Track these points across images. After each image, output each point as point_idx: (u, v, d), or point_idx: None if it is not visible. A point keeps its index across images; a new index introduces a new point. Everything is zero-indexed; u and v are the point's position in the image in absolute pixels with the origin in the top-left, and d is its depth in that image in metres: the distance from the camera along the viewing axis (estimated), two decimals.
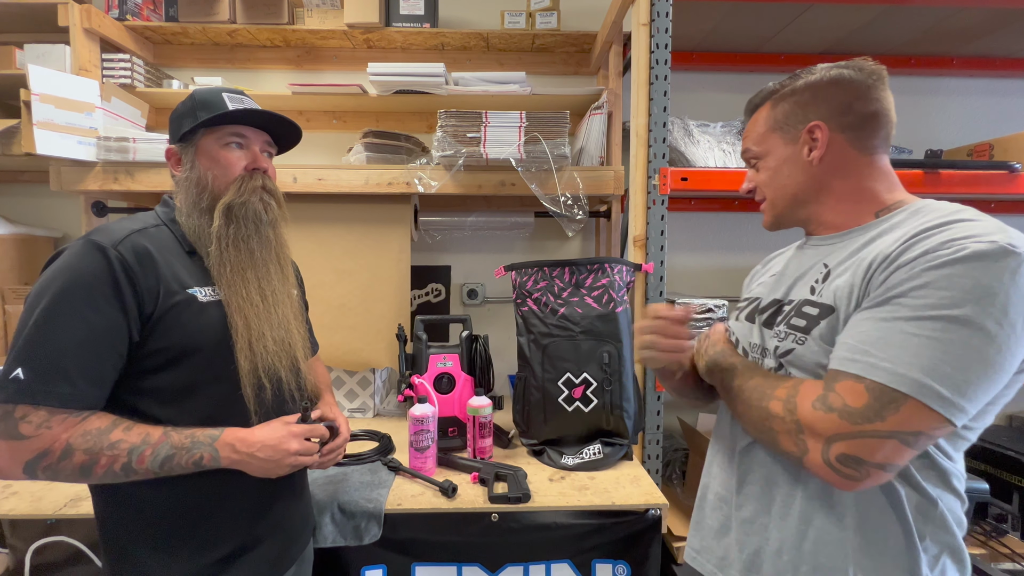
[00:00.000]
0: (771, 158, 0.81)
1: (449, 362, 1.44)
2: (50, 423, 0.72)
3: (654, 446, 1.45)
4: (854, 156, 0.76)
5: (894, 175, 0.77)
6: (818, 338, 0.70)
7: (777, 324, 0.78)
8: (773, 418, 0.69)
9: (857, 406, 0.61)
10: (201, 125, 0.87)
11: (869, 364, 0.61)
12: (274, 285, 0.91)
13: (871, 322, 0.63)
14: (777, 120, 0.80)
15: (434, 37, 1.85)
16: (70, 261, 0.76)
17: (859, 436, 0.61)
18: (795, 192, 0.80)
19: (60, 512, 1.07)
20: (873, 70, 0.75)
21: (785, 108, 0.79)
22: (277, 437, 0.84)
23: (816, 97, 0.77)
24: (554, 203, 1.56)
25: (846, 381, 0.63)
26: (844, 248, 0.75)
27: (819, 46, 1.88)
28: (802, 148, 0.78)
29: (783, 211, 0.83)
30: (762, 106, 0.84)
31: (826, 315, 0.70)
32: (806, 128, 0.77)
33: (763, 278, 0.93)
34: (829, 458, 0.63)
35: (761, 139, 0.83)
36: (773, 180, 0.82)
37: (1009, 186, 1.47)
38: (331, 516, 1.11)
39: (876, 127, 0.75)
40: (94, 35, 1.68)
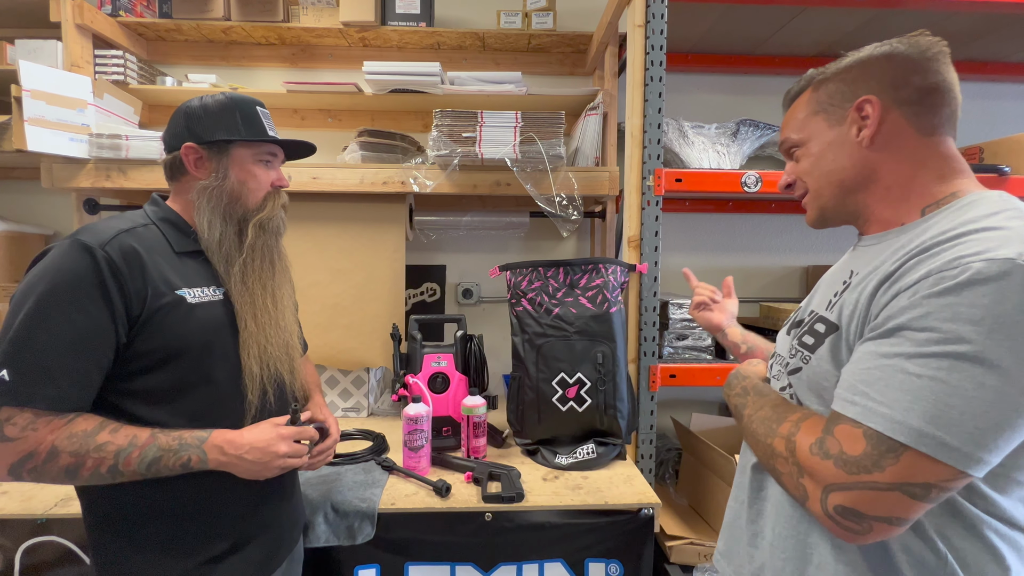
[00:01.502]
0: (814, 143, 0.71)
1: (443, 362, 1.44)
2: (35, 425, 0.71)
3: (647, 446, 1.46)
4: (912, 136, 0.65)
5: (959, 160, 0.65)
6: (821, 358, 0.65)
7: (794, 337, 0.73)
8: (776, 456, 0.64)
9: (854, 454, 0.55)
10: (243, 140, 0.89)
11: (867, 408, 0.55)
12: (283, 291, 0.95)
13: (872, 357, 0.57)
14: (820, 102, 0.71)
15: (430, 36, 1.85)
16: (56, 261, 0.75)
17: (857, 487, 0.54)
18: (842, 179, 0.69)
19: (50, 512, 1.06)
20: (931, 43, 0.65)
21: (830, 88, 0.70)
22: (266, 439, 0.84)
23: (866, 72, 0.67)
24: (549, 203, 1.56)
25: (844, 425, 0.57)
26: (875, 253, 0.65)
27: (813, 49, 1.90)
28: (850, 128, 0.67)
29: (829, 202, 0.71)
30: (804, 92, 0.75)
31: (830, 333, 0.64)
32: (854, 104, 0.67)
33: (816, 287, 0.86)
34: (827, 508, 0.57)
35: (802, 125, 0.73)
36: (816, 167, 0.71)
37: (999, 189, 1.48)
38: (324, 515, 1.10)
39: (938, 103, 0.64)
40: (86, 31, 1.66)
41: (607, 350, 1.37)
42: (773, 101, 2.01)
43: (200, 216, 0.88)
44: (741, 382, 0.81)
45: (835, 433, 0.57)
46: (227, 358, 0.86)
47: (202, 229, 0.88)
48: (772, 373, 0.80)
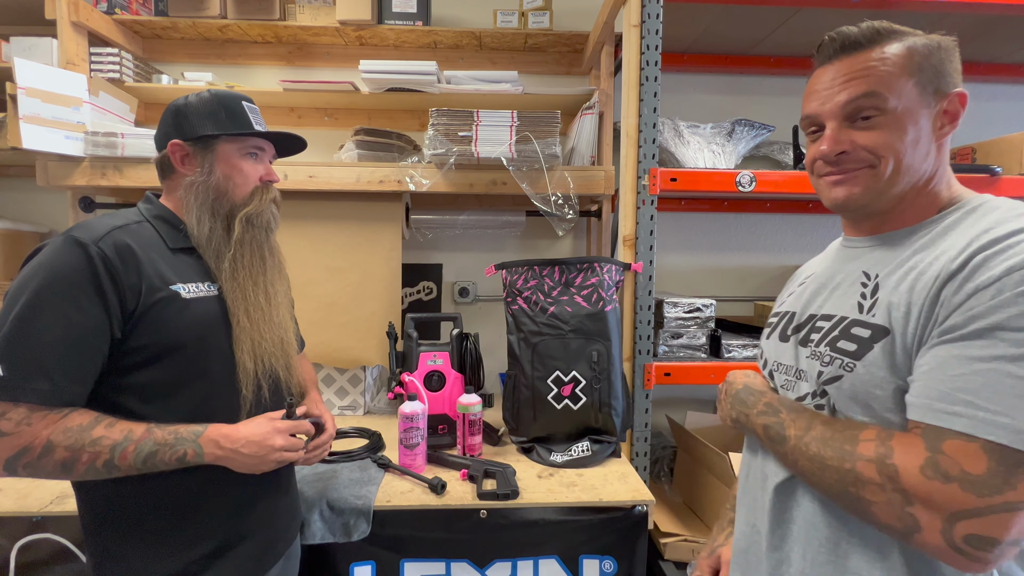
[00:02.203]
0: (907, 116, 0.61)
1: (439, 360, 1.45)
2: (30, 420, 0.72)
3: (642, 443, 1.46)
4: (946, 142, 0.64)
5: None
6: (872, 365, 0.59)
7: (816, 344, 0.67)
8: (864, 484, 0.55)
9: (979, 473, 0.49)
10: (226, 134, 0.88)
11: (981, 420, 0.50)
12: (276, 287, 0.94)
13: (963, 361, 0.52)
14: (920, 67, 0.61)
15: (427, 35, 1.85)
16: (51, 257, 0.75)
17: (990, 512, 0.48)
18: (913, 166, 0.62)
19: (46, 509, 1.06)
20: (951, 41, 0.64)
21: (930, 58, 0.61)
22: (262, 433, 0.84)
23: (951, 61, 0.62)
24: (545, 202, 1.56)
25: (954, 441, 0.51)
26: (888, 253, 0.64)
27: (809, 49, 1.88)
28: (935, 116, 0.62)
29: (894, 191, 0.63)
30: (879, 44, 0.63)
31: (879, 338, 0.59)
32: (950, 94, 0.61)
33: (794, 287, 0.82)
34: (954, 540, 0.50)
35: (890, 81, 0.61)
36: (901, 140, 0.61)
37: (991, 189, 1.50)
38: (320, 513, 1.11)
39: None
40: (82, 28, 1.66)
41: (602, 348, 1.38)
42: (768, 101, 2.02)
43: (189, 212, 0.88)
44: (760, 398, 0.72)
45: (946, 451, 0.51)
46: (221, 353, 0.86)
47: (191, 225, 0.88)
48: (776, 381, 0.75)
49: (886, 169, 0.63)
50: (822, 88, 0.67)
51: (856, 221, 0.71)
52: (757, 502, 0.73)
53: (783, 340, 0.74)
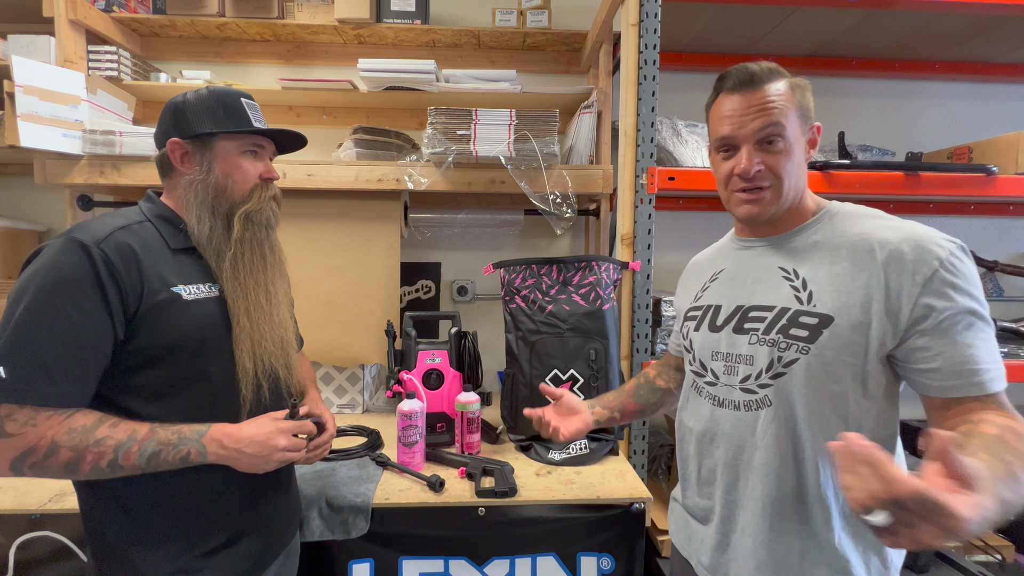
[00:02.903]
0: (795, 142, 0.78)
1: (438, 358, 1.45)
2: (35, 421, 0.72)
3: (640, 441, 1.47)
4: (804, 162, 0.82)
5: None
6: (824, 347, 0.73)
7: (763, 332, 0.79)
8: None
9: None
10: (225, 132, 0.87)
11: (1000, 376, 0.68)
12: (277, 286, 0.94)
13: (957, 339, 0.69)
14: (800, 104, 0.78)
15: (425, 34, 1.85)
16: (52, 259, 0.75)
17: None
18: (798, 183, 0.80)
19: (45, 507, 1.07)
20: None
21: (803, 97, 0.79)
22: (265, 433, 0.84)
23: (810, 100, 0.81)
24: (543, 201, 1.57)
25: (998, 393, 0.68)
26: (794, 249, 0.81)
27: (806, 48, 1.91)
28: (806, 141, 0.80)
29: (783, 201, 0.80)
30: (774, 80, 0.78)
31: (827, 324, 0.74)
32: (812, 126, 0.80)
33: (703, 282, 0.94)
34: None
35: (788, 117, 0.77)
36: (794, 167, 0.78)
37: (986, 189, 1.51)
38: (319, 510, 1.11)
39: None
40: (80, 26, 1.66)
41: (600, 347, 1.38)
42: None
43: (188, 211, 0.88)
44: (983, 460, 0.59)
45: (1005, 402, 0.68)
46: (222, 354, 0.86)
47: (191, 224, 0.88)
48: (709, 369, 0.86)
49: (782, 186, 0.79)
50: (734, 115, 0.79)
51: (754, 227, 0.86)
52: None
53: (713, 331, 0.86)
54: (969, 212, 2.06)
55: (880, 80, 2.04)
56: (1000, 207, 2.06)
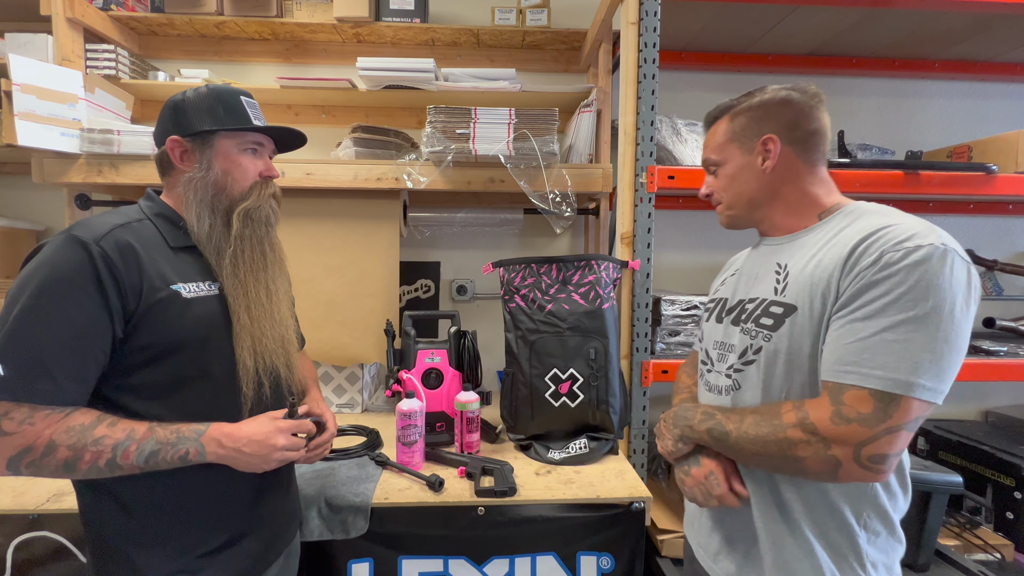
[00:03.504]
0: (729, 166, 0.90)
1: (437, 357, 1.45)
2: (33, 419, 0.72)
3: (639, 440, 1.47)
4: (799, 166, 0.85)
5: (831, 181, 0.88)
6: (784, 335, 0.78)
7: (744, 322, 0.85)
8: (795, 444, 0.72)
9: (867, 411, 0.68)
10: (225, 129, 0.87)
11: (864, 374, 0.69)
12: (277, 284, 0.94)
13: (851, 332, 0.71)
14: (735, 132, 0.89)
15: (424, 32, 1.85)
16: (51, 257, 0.74)
17: (880, 436, 0.68)
18: (750, 197, 0.89)
19: (43, 507, 1.06)
20: (815, 93, 0.86)
21: (742, 121, 0.88)
22: (264, 432, 0.84)
23: (769, 113, 0.86)
24: (543, 200, 1.56)
25: (851, 391, 0.70)
26: (796, 248, 0.84)
27: (805, 47, 1.91)
28: (756, 158, 0.87)
29: (739, 213, 0.91)
30: (720, 119, 0.92)
31: (790, 313, 0.78)
32: (761, 140, 0.86)
33: (726, 278, 1.02)
34: (862, 461, 0.69)
35: (720, 148, 0.91)
36: (731, 186, 0.90)
37: (986, 187, 1.51)
38: (318, 510, 1.11)
39: (818, 142, 0.85)
40: (77, 25, 1.65)
41: (600, 346, 1.38)
42: None
43: (188, 209, 0.87)
44: (697, 409, 0.88)
45: (845, 401, 0.70)
46: (222, 353, 0.86)
47: (191, 222, 0.87)
48: (709, 356, 0.93)
49: (726, 203, 0.92)
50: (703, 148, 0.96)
51: (764, 231, 0.93)
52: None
53: (718, 321, 0.93)
54: (969, 211, 2.06)
55: (880, 79, 2.04)
56: (1000, 206, 2.06)
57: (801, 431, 0.72)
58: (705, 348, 0.97)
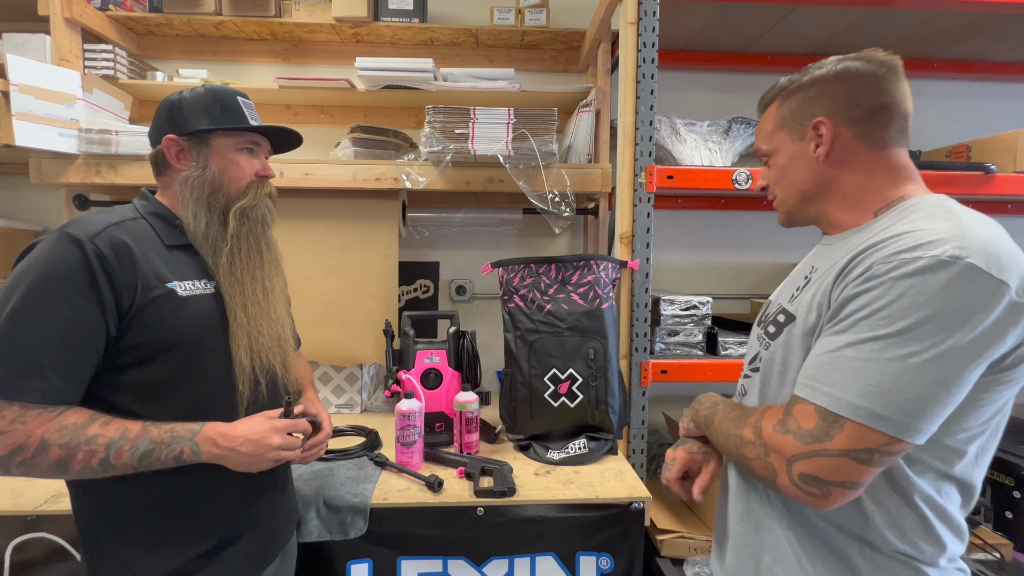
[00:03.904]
0: (780, 155, 0.81)
1: (436, 358, 1.45)
2: (24, 418, 0.71)
3: (639, 441, 1.47)
4: (861, 151, 0.73)
5: (909, 169, 0.73)
6: (778, 345, 0.75)
7: (760, 327, 0.82)
8: (745, 444, 0.71)
9: (808, 427, 0.63)
10: (222, 129, 0.88)
11: (814, 388, 0.64)
12: (274, 283, 0.94)
13: (824, 347, 0.65)
14: (784, 117, 0.80)
15: (423, 32, 1.85)
16: (44, 254, 0.74)
17: (812, 456, 0.62)
18: (802, 189, 0.79)
19: (40, 508, 1.06)
20: (884, 61, 0.72)
21: (792, 105, 0.79)
22: (259, 432, 0.84)
23: (822, 92, 0.75)
24: (542, 200, 1.56)
25: (800, 404, 0.65)
26: (834, 251, 0.73)
27: (805, 47, 1.91)
28: (808, 144, 0.76)
29: (793, 209, 0.82)
30: (772, 103, 0.83)
31: (788, 323, 0.74)
32: (811, 124, 0.75)
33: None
34: (793, 477, 0.64)
35: (770, 137, 0.82)
36: (783, 178, 0.81)
37: (985, 187, 1.51)
38: (316, 511, 1.11)
39: (886, 120, 0.72)
40: (75, 25, 1.65)
41: (599, 346, 1.38)
42: None
43: (184, 208, 0.87)
44: (711, 399, 0.87)
45: (793, 413, 0.66)
46: (218, 351, 0.86)
47: (187, 221, 0.87)
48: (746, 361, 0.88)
49: (780, 198, 0.83)
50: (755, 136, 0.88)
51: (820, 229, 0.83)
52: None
53: (758, 326, 0.88)
54: None
55: None
56: (999, 206, 2.06)
57: (751, 432, 0.70)
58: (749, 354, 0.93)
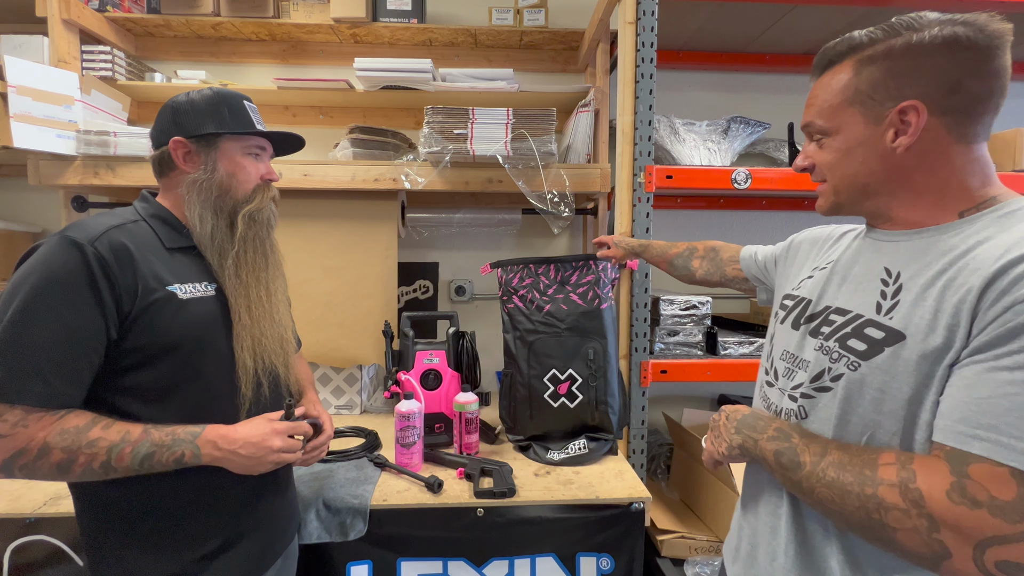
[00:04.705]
0: (842, 137, 0.66)
1: (436, 358, 1.44)
2: (26, 422, 0.71)
3: (639, 441, 1.47)
4: (950, 145, 0.61)
5: (991, 165, 0.63)
6: (877, 368, 0.60)
7: (826, 338, 0.67)
8: (887, 510, 0.54)
9: (1008, 499, 0.48)
10: (231, 132, 0.88)
11: (1004, 445, 0.49)
12: (276, 285, 0.95)
13: (991, 383, 0.51)
14: (859, 91, 0.63)
15: (421, 33, 1.84)
16: (45, 258, 0.74)
17: (1021, 538, 0.48)
18: (866, 182, 0.65)
19: (40, 511, 1.06)
20: (997, 30, 0.58)
21: (874, 75, 0.62)
22: (260, 434, 0.84)
23: (919, 67, 0.59)
24: (541, 200, 1.56)
25: (981, 465, 0.50)
26: (916, 252, 0.62)
27: (803, 46, 1.91)
28: (886, 131, 0.62)
29: (846, 201, 0.69)
30: (839, 63, 0.65)
31: (892, 342, 0.59)
32: (897, 108, 0.60)
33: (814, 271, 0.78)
34: (986, 566, 0.49)
35: (833, 112, 0.66)
36: (841, 164, 0.67)
37: None
38: (316, 512, 1.11)
39: (985, 109, 0.60)
40: (73, 26, 1.64)
41: (598, 346, 1.38)
42: (764, 98, 2.03)
43: (191, 210, 0.88)
44: (771, 423, 0.70)
45: (972, 476, 0.50)
46: (219, 353, 0.86)
47: (193, 223, 0.88)
48: (774, 367, 0.76)
49: (831, 186, 0.69)
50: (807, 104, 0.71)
51: (868, 221, 0.72)
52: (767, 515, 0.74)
53: (795, 328, 0.74)
54: None
55: None
56: None
57: (900, 495, 0.53)
58: (771, 355, 0.77)
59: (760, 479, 0.76)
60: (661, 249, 1.32)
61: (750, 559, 0.76)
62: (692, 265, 1.25)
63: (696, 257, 1.25)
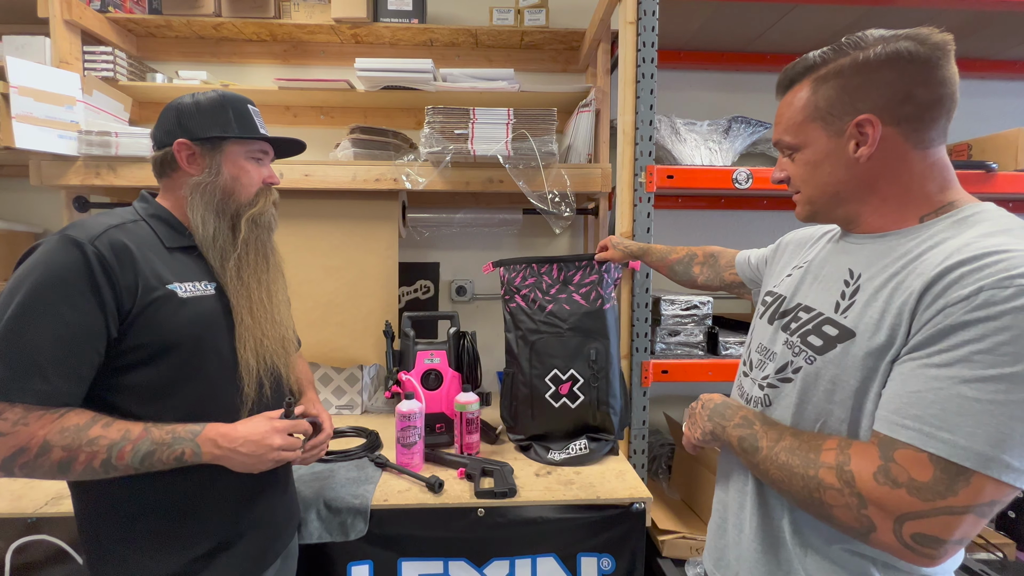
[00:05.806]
0: (810, 151, 0.71)
1: (437, 358, 1.44)
2: (26, 420, 0.71)
3: (640, 441, 1.47)
4: (907, 151, 0.65)
5: (950, 169, 0.67)
6: (829, 362, 0.66)
7: (792, 332, 0.73)
8: (825, 488, 0.61)
9: (924, 480, 0.54)
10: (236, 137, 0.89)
11: (926, 434, 0.55)
12: (277, 286, 0.96)
13: (922, 378, 0.56)
14: (819, 108, 0.68)
15: (422, 33, 1.85)
16: (46, 256, 0.74)
17: (934, 514, 0.54)
18: (836, 191, 0.70)
19: (41, 511, 1.06)
20: (938, 42, 0.62)
21: (828, 93, 0.67)
22: (260, 432, 0.84)
23: (869, 82, 0.64)
24: (542, 200, 1.56)
25: (905, 451, 0.56)
26: (876, 255, 0.67)
27: (804, 46, 1.88)
28: (847, 143, 0.67)
29: (820, 208, 0.74)
30: (799, 83, 0.71)
31: (844, 339, 0.65)
32: (854, 122, 0.65)
33: (792, 269, 0.83)
34: (903, 538, 0.56)
35: (798, 129, 0.71)
36: (811, 176, 0.72)
37: (986, 185, 1.51)
38: (317, 512, 1.11)
39: (937, 116, 0.64)
40: (75, 27, 1.65)
41: (600, 347, 1.38)
42: (765, 98, 2.02)
43: (194, 212, 0.88)
44: (738, 411, 0.77)
45: (896, 459, 0.56)
46: (218, 352, 0.86)
47: (196, 225, 0.88)
48: (750, 358, 0.82)
49: (805, 197, 0.74)
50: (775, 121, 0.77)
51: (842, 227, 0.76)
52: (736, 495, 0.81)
53: (770, 323, 0.80)
54: None
55: None
56: (999, 204, 2.05)
57: (836, 476, 0.60)
58: (749, 347, 0.84)
59: (731, 460, 0.82)
60: (661, 254, 1.34)
61: (720, 531, 0.84)
62: (693, 271, 1.27)
63: (696, 263, 1.27)
